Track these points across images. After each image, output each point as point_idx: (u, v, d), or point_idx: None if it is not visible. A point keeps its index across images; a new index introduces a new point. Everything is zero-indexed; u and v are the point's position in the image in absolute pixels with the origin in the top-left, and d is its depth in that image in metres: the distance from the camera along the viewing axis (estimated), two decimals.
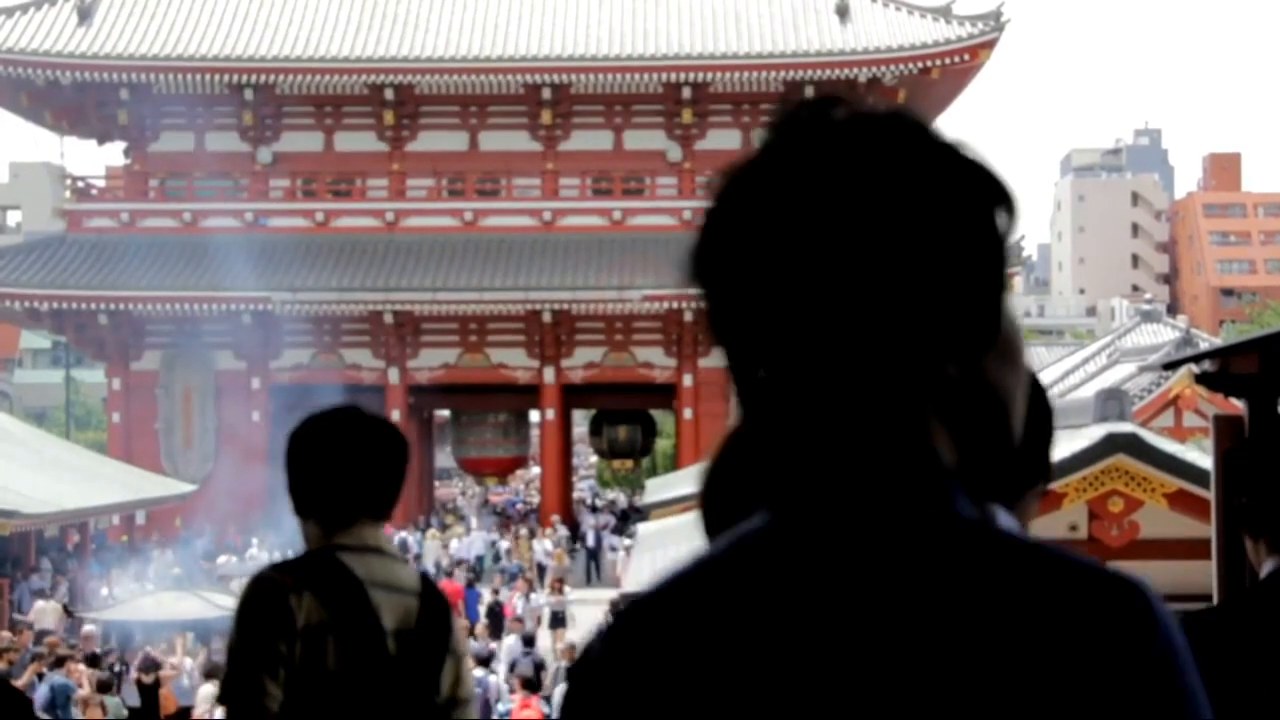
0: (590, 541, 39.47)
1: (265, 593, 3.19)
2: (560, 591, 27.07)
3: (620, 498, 60.09)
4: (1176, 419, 35.65)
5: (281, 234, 42.94)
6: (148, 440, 41.27)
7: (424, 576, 3.37)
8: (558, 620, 25.87)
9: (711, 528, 2.91)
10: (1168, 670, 1.17)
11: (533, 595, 27.71)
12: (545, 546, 37.10)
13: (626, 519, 43.14)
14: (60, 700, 16.17)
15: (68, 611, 26.11)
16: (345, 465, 3.27)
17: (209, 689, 16.97)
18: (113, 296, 40.86)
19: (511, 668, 19.08)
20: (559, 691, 18.86)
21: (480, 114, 44.63)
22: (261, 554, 31.99)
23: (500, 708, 18.31)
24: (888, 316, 1.19)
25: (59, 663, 17.02)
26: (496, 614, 25.18)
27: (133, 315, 41.74)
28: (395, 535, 34.58)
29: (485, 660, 18.80)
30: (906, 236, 1.19)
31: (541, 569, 35.48)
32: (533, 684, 18.19)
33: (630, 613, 1.23)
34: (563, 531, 38.77)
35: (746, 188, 1.23)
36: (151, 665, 17.65)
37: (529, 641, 21.01)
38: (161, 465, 40.49)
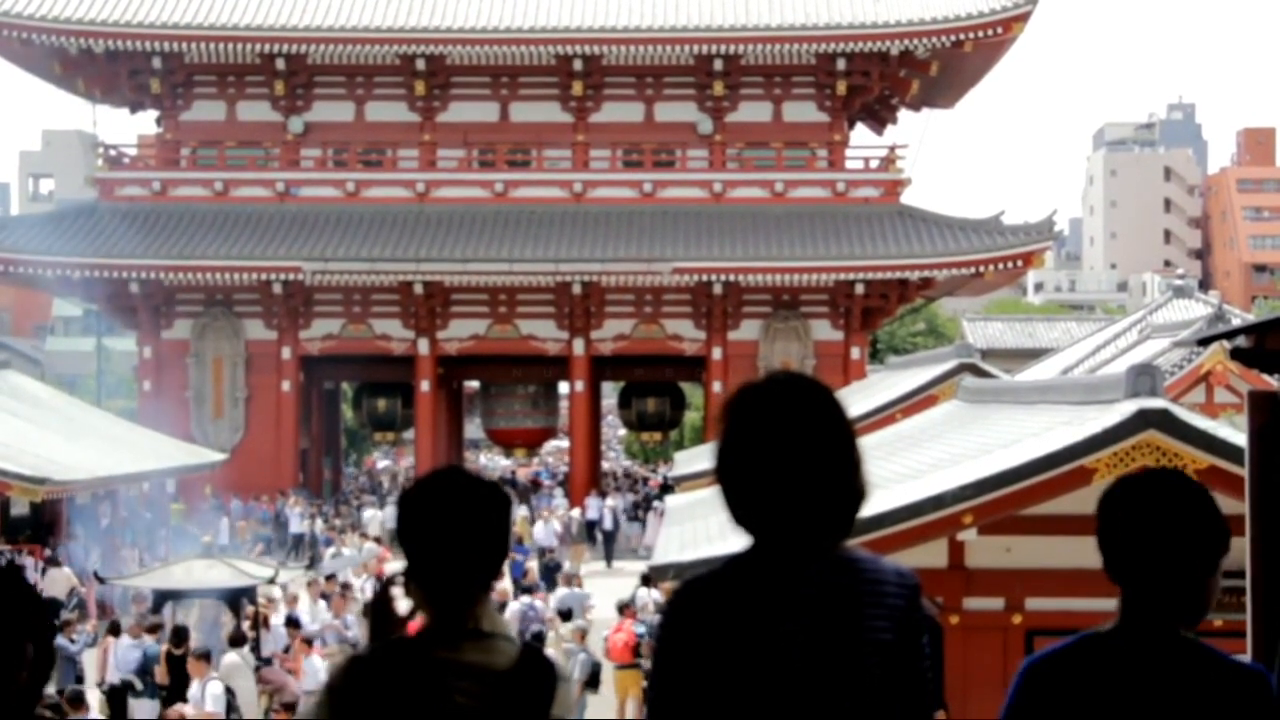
0: (608, 524, 38.66)
1: (355, 676, 3.11)
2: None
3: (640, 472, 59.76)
4: (1208, 395, 35.44)
5: (312, 204, 43.05)
6: (178, 409, 41.39)
7: (524, 649, 3.13)
8: None
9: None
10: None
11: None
12: (554, 528, 36.78)
13: (645, 499, 42.74)
14: (151, 664, 17.90)
15: (91, 579, 26.21)
16: (445, 547, 3.07)
17: (233, 657, 17.03)
18: (144, 265, 40.99)
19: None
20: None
21: (511, 85, 44.55)
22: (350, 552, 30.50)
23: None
24: None
25: (152, 630, 18.66)
26: None
27: (164, 284, 41.89)
28: None
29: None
30: None
31: (543, 552, 35.18)
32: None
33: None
34: (574, 514, 38.31)
35: None
36: (183, 636, 17.71)
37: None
38: (191, 434, 40.61)
